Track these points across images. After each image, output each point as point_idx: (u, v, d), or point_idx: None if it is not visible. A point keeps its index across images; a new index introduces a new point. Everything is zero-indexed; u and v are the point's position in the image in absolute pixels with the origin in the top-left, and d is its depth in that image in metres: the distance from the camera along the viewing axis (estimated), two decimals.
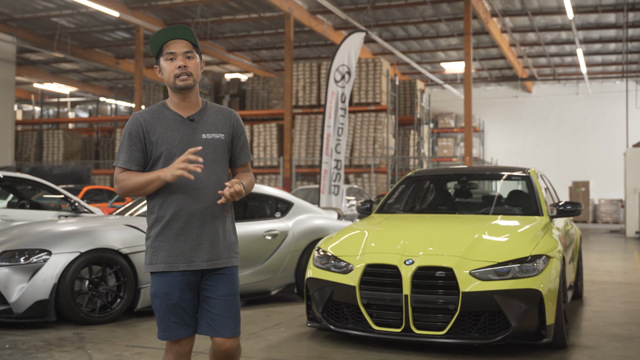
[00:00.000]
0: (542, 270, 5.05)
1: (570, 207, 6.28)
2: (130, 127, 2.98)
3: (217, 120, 3.07)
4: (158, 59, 3.04)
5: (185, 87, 2.97)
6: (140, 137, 2.97)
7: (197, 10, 22.31)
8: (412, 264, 5.06)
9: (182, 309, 2.94)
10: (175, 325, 2.94)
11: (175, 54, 2.98)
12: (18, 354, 5.01)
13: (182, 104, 3.03)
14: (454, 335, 4.94)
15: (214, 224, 2.98)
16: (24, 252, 6.00)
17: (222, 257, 3.00)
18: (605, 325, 6.32)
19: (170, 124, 2.99)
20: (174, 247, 2.94)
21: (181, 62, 2.96)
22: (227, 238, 3.04)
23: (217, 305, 2.97)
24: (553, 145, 32.90)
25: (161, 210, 2.96)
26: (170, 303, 2.92)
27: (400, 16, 23.53)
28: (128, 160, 2.96)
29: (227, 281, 3.01)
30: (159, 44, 3.01)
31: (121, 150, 2.98)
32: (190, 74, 2.97)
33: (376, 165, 22.48)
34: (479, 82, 33.72)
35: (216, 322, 2.96)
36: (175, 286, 2.92)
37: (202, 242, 2.95)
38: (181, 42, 3.00)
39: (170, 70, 2.98)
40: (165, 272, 2.93)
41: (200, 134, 3.00)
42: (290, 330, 5.98)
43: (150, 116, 3.00)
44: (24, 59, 29.06)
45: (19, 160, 27.35)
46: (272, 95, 24.88)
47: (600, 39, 25.99)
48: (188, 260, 2.93)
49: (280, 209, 7.79)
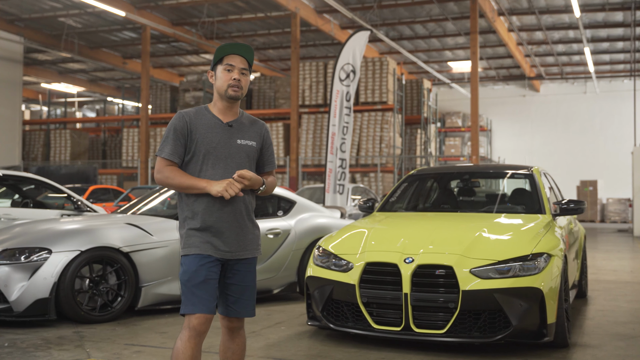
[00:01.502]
0: (543, 268, 5.00)
1: (573, 205, 6.23)
2: (176, 123, 3.33)
3: (251, 129, 3.46)
4: (216, 66, 3.40)
5: (234, 97, 3.36)
6: (185, 133, 3.32)
7: (204, 9, 22.31)
8: (412, 262, 5.02)
9: (208, 285, 3.26)
10: (202, 300, 3.22)
11: (234, 67, 3.36)
12: (17, 353, 5.00)
13: (225, 111, 3.41)
14: (454, 334, 4.91)
15: (241, 220, 3.35)
16: (25, 250, 6.00)
17: (247, 249, 3.38)
18: (608, 324, 6.27)
19: (211, 127, 3.36)
20: (205, 237, 3.29)
21: (237, 76, 3.35)
22: (251, 232, 3.41)
23: (235, 290, 3.37)
24: (561, 145, 32.74)
25: (195, 205, 3.30)
26: (199, 279, 3.24)
27: (407, 15, 23.47)
28: (172, 153, 3.30)
29: (248, 270, 3.40)
30: (222, 54, 3.38)
31: (166, 142, 3.32)
32: (242, 87, 3.37)
33: (383, 164, 22.43)
34: (486, 81, 33.60)
35: (233, 303, 3.36)
36: (204, 266, 3.26)
37: (230, 236, 3.31)
38: (241, 58, 3.39)
39: (226, 80, 3.35)
40: (197, 254, 3.27)
41: (236, 139, 3.38)
42: (291, 329, 5.96)
43: (195, 116, 3.37)
44: (32, 59, 29.15)
45: (26, 160, 27.43)
46: (279, 94, 24.86)
47: (608, 38, 25.84)
48: (216, 249, 3.29)
49: (282, 207, 7.77)
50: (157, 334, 5.73)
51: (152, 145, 24.93)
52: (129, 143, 26.19)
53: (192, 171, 3.32)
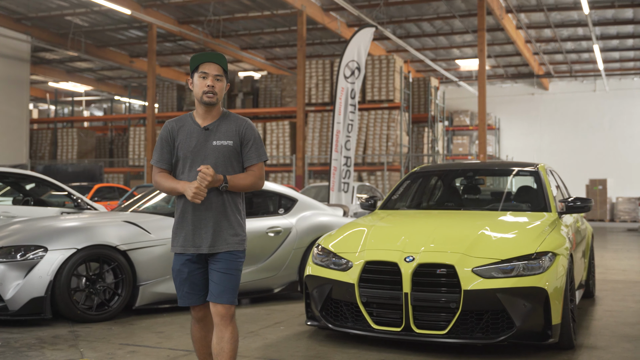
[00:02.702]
0: (547, 267, 4.87)
1: (579, 203, 6.08)
2: (162, 133, 3.68)
3: (228, 129, 3.62)
4: (193, 74, 3.61)
5: (209, 103, 3.57)
6: (169, 141, 3.63)
7: (210, 7, 22.21)
8: (412, 260, 4.90)
9: (192, 281, 3.59)
10: (188, 295, 3.62)
11: (208, 74, 3.57)
12: (9, 352, 4.91)
13: (205, 115, 3.62)
14: (455, 334, 4.78)
15: (217, 217, 3.55)
16: (20, 248, 5.91)
17: (227, 243, 3.56)
18: (616, 325, 6.12)
19: (189, 132, 3.61)
20: (186, 234, 3.56)
21: (211, 82, 3.56)
22: (230, 229, 3.58)
23: (216, 276, 3.56)
24: (570, 143, 32.45)
25: (179, 204, 3.61)
26: (182, 277, 3.61)
27: (414, 13, 23.30)
28: (159, 160, 3.63)
29: (226, 259, 3.57)
30: (197, 62, 3.59)
31: (155, 151, 3.65)
32: (216, 93, 3.57)
33: (389, 163, 22.26)
34: (494, 80, 33.35)
35: (215, 289, 3.53)
36: (185, 264, 3.59)
37: (208, 232, 3.54)
38: (215, 65, 3.58)
39: (201, 86, 3.57)
40: (179, 253, 3.60)
41: (212, 141, 3.58)
42: (290, 329, 5.84)
43: (177, 124, 3.66)
44: (39, 58, 29.14)
45: (33, 159, 27.42)
46: (285, 93, 24.74)
47: (618, 35, 25.56)
48: (196, 245, 3.55)
49: (284, 205, 7.65)
50: (154, 333, 5.62)
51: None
52: (136, 142, 26.16)
53: (176, 175, 3.62)
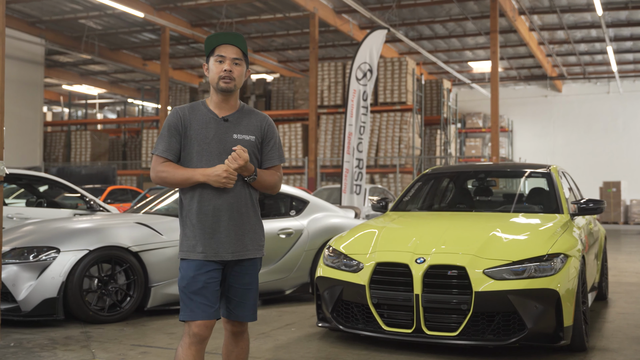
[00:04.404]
0: (559, 269, 4.85)
1: (592, 205, 6.05)
2: (170, 120, 3.22)
3: (249, 123, 3.27)
4: (208, 58, 3.25)
5: (226, 89, 3.19)
6: (179, 129, 3.19)
7: (223, 10, 22.30)
8: (423, 262, 4.89)
9: (207, 291, 3.12)
10: (201, 306, 3.10)
11: (225, 57, 3.19)
12: (22, 352, 4.94)
13: (221, 104, 3.25)
14: (466, 336, 4.77)
15: (239, 218, 3.18)
16: (33, 249, 5.95)
17: (248, 249, 3.22)
18: (629, 327, 6.08)
19: (205, 122, 3.21)
20: (202, 239, 3.14)
21: (228, 67, 3.18)
22: (253, 231, 3.25)
23: (238, 293, 3.23)
24: (583, 145, 32.30)
25: (191, 203, 3.17)
26: (197, 286, 3.11)
27: (426, 15, 23.28)
28: (166, 149, 3.18)
29: (249, 271, 3.24)
30: (212, 45, 3.22)
31: (160, 140, 3.20)
32: (234, 78, 3.19)
33: (402, 165, 22.24)
34: (507, 82, 33.25)
35: (236, 307, 3.24)
36: (202, 271, 3.12)
37: (229, 235, 3.15)
38: (232, 48, 3.21)
39: (217, 72, 3.19)
40: (195, 259, 3.14)
41: (232, 134, 3.21)
42: (301, 331, 5.85)
43: (189, 112, 3.23)
44: (53, 61, 29.36)
45: (47, 161, 27.62)
46: (298, 95, 24.78)
47: (632, 37, 25.41)
48: (215, 250, 3.13)
49: (295, 207, 7.66)
50: (165, 334, 5.65)
51: None
52: (149, 144, 26.30)
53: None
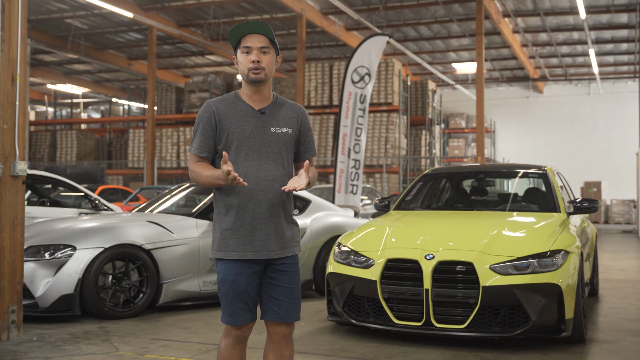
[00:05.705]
0: (561, 265, 5.12)
1: (587, 204, 6.34)
2: (203, 115, 3.11)
3: (286, 115, 3.18)
4: (235, 50, 3.16)
5: (257, 80, 3.08)
6: (213, 125, 3.08)
7: (210, 11, 22.41)
8: (432, 258, 5.13)
9: (248, 295, 3.06)
10: (241, 311, 3.06)
11: (251, 48, 3.08)
12: (46, 347, 5.11)
13: (255, 96, 3.14)
14: (474, 329, 5.01)
15: (279, 215, 3.10)
16: (49, 247, 6.11)
17: (288, 246, 3.13)
18: (621, 321, 6.37)
19: (242, 115, 3.10)
20: (242, 236, 3.05)
21: (255, 57, 3.06)
22: (290, 228, 3.17)
23: (283, 292, 3.11)
24: (565, 146, 32.82)
25: (229, 199, 3.07)
26: (238, 290, 3.04)
27: (412, 17, 23.56)
28: (200, 147, 3.09)
29: (290, 270, 3.14)
30: (237, 37, 3.12)
31: (195, 137, 3.11)
32: (263, 68, 3.08)
33: (388, 165, 22.50)
34: (490, 83, 33.68)
35: (282, 308, 3.10)
36: (243, 273, 3.04)
37: (269, 233, 3.06)
38: (258, 36, 3.09)
39: (245, 64, 3.08)
40: (234, 259, 3.04)
41: (270, 127, 3.12)
42: (311, 325, 6.06)
43: (223, 105, 3.12)
44: (38, 60, 29.25)
45: (32, 161, 27.54)
46: (284, 95, 24.93)
47: (613, 39, 25.92)
48: (256, 249, 3.04)
49: (298, 206, 7.87)
50: (181, 329, 5.84)
51: (157, 146, 25.03)
52: (135, 144, 26.32)
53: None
